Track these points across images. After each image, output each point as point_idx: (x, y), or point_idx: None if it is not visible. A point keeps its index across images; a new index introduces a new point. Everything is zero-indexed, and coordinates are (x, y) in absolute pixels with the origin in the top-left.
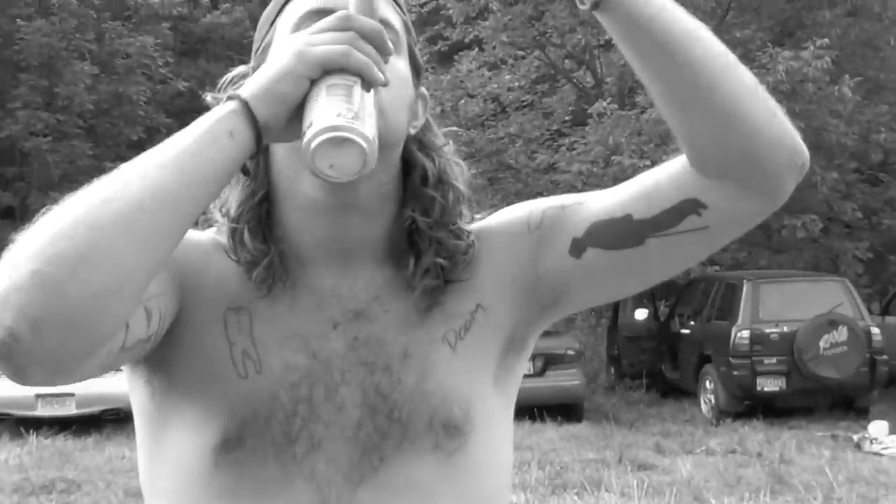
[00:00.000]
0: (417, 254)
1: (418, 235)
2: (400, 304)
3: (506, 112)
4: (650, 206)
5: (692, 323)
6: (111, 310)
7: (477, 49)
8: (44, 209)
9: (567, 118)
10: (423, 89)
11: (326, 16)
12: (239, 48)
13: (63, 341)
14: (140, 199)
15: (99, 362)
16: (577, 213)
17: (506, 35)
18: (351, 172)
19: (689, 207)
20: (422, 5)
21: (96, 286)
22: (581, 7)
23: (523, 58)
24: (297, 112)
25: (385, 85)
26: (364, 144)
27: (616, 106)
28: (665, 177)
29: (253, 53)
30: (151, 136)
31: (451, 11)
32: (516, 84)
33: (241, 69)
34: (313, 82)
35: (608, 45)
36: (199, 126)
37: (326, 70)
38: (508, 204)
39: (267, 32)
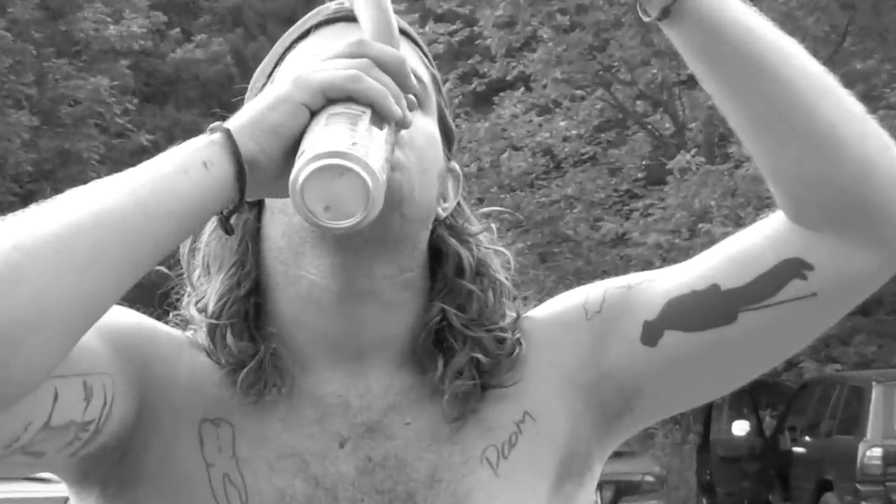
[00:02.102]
0: (448, 353)
1: (450, 333)
2: (425, 416)
3: (561, 168)
4: (742, 272)
5: (807, 439)
6: (26, 347)
7: (523, 88)
8: None
9: (640, 175)
10: (454, 164)
11: None
12: (218, 90)
13: None
14: (81, 222)
15: (11, 432)
16: (648, 291)
17: (560, 70)
18: (351, 215)
19: (790, 270)
20: (451, 34)
21: (11, 313)
22: (646, 19)
23: (583, 98)
24: (294, 151)
25: (405, 126)
26: (366, 177)
27: (703, 159)
28: (758, 237)
29: None
30: None
31: (488, 41)
32: (574, 132)
33: None
34: (314, 114)
35: (692, 82)
36: (170, 155)
37: (330, 98)
38: (566, 288)
39: (264, 86)
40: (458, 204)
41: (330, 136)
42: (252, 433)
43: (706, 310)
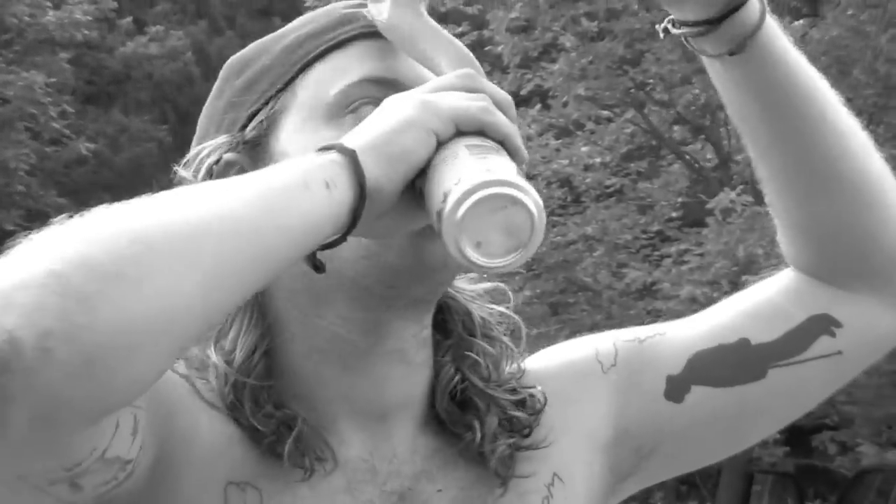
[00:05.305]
0: (477, 414)
1: (474, 393)
2: (453, 483)
3: (581, 202)
4: (770, 327)
5: None
6: (143, 354)
7: (539, 105)
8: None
9: (675, 215)
10: None
11: (389, 88)
12: (174, 93)
13: (72, 374)
14: (209, 221)
15: (81, 453)
16: (666, 345)
17: (584, 86)
18: (510, 251)
19: (819, 326)
20: (457, 37)
21: (133, 312)
22: (705, 56)
23: (609, 120)
24: (413, 182)
25: (523, 167)
26: (535, 211)
27: (751, 198)
28: (776, 292)
29: (222, 118)
30: (36, 225)
31: (500, 48)
32: (598, 160)
33: (221, 141)
34: (440, 145)
35: None
36: (287, 168)
37: (460, 129)
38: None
39: (279, 93)
40: None
41: (489, 165)
42: (280, 500)
43: (736, 364)
